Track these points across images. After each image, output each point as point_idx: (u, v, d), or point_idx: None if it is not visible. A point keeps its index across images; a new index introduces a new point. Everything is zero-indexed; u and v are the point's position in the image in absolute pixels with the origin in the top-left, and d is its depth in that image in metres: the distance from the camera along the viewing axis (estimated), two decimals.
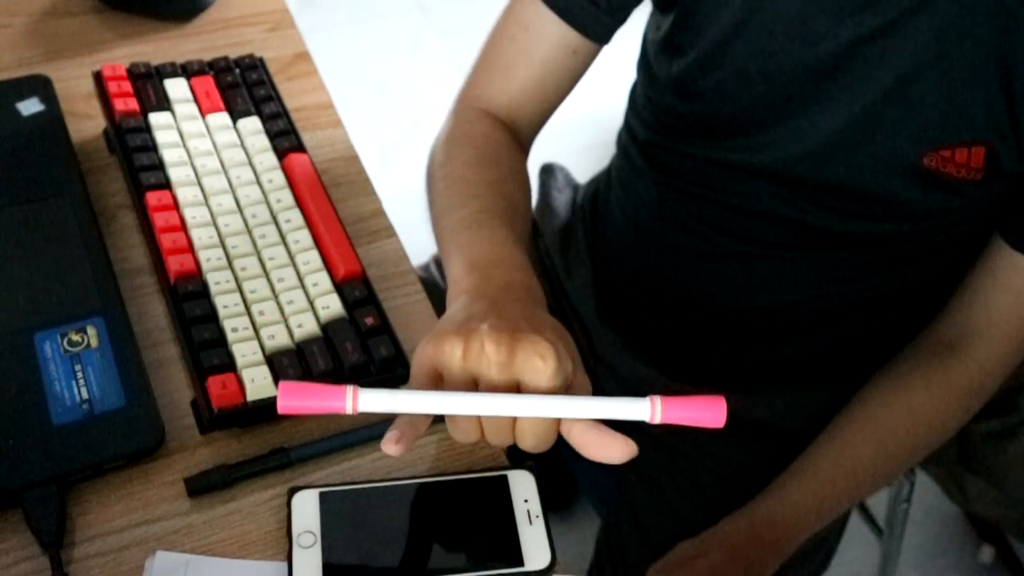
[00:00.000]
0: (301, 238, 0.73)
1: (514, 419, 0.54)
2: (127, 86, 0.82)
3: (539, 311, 0.59)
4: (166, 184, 0.76)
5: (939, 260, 0.82)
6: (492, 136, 0.78)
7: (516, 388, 0.54)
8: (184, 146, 0.79)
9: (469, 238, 0.66)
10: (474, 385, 0.54)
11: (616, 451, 0.53)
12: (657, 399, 0.53)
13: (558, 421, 0.54)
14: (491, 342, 0.53)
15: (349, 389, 0.52)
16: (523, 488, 0.61)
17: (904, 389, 0.84)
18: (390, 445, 0.53)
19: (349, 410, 0.52)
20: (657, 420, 0.53)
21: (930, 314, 0.85)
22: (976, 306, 0.80)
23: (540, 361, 0.52)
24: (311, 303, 0.69)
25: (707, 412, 0.53)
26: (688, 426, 0.53)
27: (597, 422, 0.54)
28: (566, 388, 0.54)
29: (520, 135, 0.82)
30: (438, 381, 0.55)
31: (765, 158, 0.78)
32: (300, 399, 0.52)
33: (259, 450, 0.64)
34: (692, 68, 0.78)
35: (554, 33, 0.78)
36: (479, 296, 0.59)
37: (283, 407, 0.52)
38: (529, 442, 0.55)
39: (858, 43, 0.70)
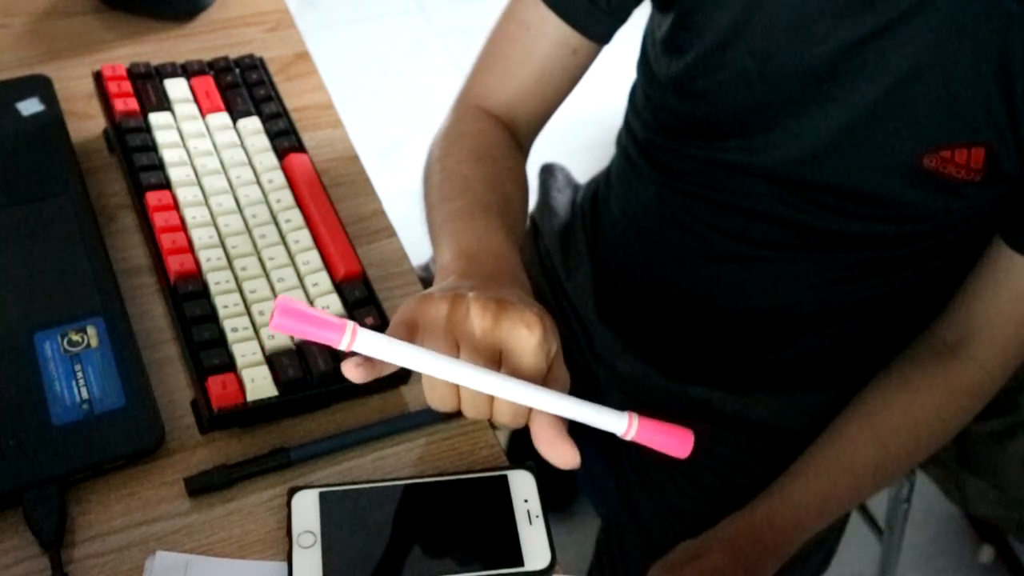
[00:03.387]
0: (301, 238, 0.73)
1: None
2: (127, 86, 0.82)
3: (526, 295, 0.59)
4: (166, 184, 0.76)
5: (940, 261, 0.82)
6: (490, 134, 0.78)
7: (498, 356, 0.54)
8: (184, 146, 0.79)
9: (460, 227, 0.66)
10: (455, 349, 0.54)
11: (561, 456, 0.54)
12: (635, 418, 0.53)
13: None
14: (477, 306, 0.53)
15: (350, 325, 0.50)
16: (523, 488, 0.61)
17: (905, 389, 0.83)
18: (350, 368, 0.53)
19: (343, 346, 0.50)
20: (630, 437, 0.54)
21: (931, 315, 0.85)
22: (977, 307, 0.80)
23: (526, 330, 0.52)
24: (311, 303, 0.69)
25: (675, 442, 0.54)
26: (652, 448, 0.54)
27: (559, 420, 0.54)
28: (548, 366, 0.54)
29: (519, 135, 0.82)
30: (414, 334, 0.55)
31: (765, 159, 0.78)
32: (297, 321, 0.49)
33: (259, 450, 0.64)
34: (692, 68, 0.78)
35: (554, 33, 0.78)
36: (466, 277, 0.60)
37: (276, 325, 0.49)
38: (506, 417, 0.55)
39: (858, 44, 0.70)
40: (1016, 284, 0.77)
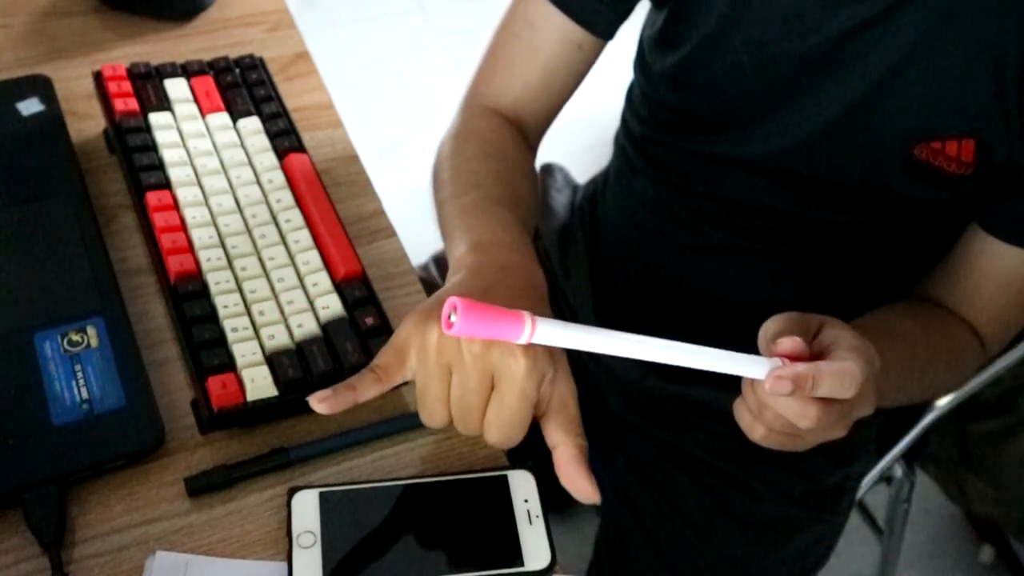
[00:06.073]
0: (301, 238, 0.73)
1: (483, 412, 0.56)
2: (127, 86, 0.82)
3: (533, 300, 0.60)
4: (166, 184, 0.76)
5: (935, 255, 0.82)
6: (499, 132, 0.79)
7: (491, 380, 0.55)
8: (184, 146, 0.79)
9: (473, 221, 0.67)
10: (448, 372, 0.55)
11: (584, 491, 0.56)
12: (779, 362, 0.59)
13: (528, 422, 0.56)
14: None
15: (528, 317, 0.50)
16: (523, 488, 0.61)
17: (928, 311, 0.79)
18: (315, 402, 0.56)
19: (524, 339, 0.50)
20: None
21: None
22: (957, 292, 0.79)
23: (512, 359, 0.53)
24: (311, 303, 0.69)
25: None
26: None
27: (582, 456, 0.56)
28: (540, 386, 0.55)
29: (527, 133, 0.82)
30: (404, 358, 0.57)
31: (758, 150, 0.78)
32: (479, 318, 0.49)
33: (259, 450, 0.64)
34: (687, 61, 0.78)
35: (559, 30, 0.78)
36: (476, 275, 0.60)
37: (460, 330, 0.48)
38: (494, 437, 0.57)
39: (851, 33, 0.70)
40: (996, 269, 0.76)
